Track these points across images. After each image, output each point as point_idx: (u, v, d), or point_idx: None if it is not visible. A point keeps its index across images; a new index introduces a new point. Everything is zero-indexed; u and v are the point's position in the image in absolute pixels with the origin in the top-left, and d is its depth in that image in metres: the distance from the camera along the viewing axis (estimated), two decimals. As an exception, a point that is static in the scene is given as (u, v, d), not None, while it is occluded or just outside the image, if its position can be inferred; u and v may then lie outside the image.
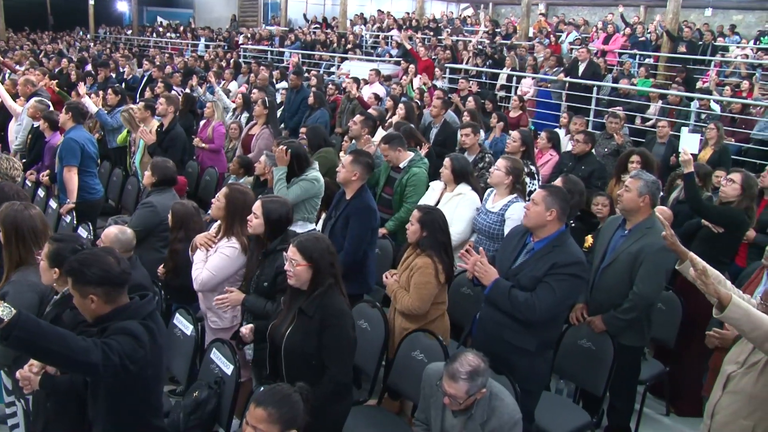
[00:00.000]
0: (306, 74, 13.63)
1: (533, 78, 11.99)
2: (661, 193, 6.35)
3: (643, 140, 9.61)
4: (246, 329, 3.76)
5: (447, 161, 5.27)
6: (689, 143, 5.37)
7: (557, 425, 4.09)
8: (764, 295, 3.17)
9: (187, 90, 11.53)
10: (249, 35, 21.40)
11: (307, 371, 3.27)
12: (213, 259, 4.19)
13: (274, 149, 5.60)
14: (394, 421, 4.04)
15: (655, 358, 5.20)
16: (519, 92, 11.82)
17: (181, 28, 26.93)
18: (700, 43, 14.72)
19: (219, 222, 4.34)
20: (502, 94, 12.29)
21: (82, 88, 8.60)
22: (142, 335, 2.80)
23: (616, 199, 5.89)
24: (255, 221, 3.95)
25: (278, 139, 6.42)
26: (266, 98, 8.07)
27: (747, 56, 14.06)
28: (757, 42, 15.31)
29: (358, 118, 6.49)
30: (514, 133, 6.35)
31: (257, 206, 3.98)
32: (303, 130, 7.77)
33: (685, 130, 5.96)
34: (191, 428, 3.65)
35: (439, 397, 3.27)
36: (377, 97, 10.29)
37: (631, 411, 4.69)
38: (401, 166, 5.83)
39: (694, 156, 6.14)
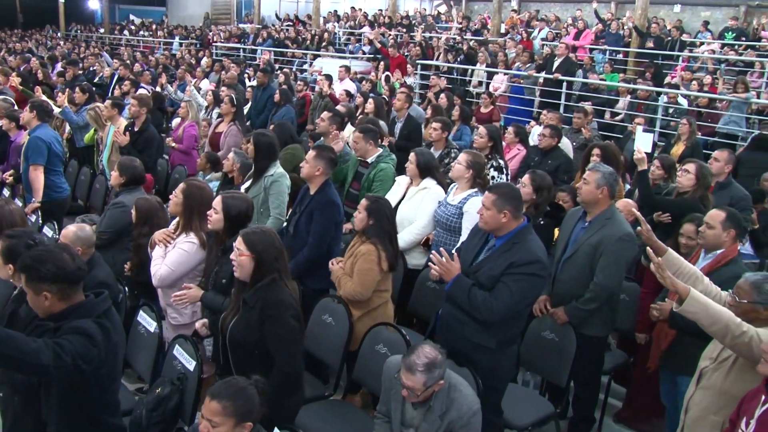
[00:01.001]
0: (277, 72, 13.63)
1: (505, 74, 12.05)
2: (628, 186, 6.48)
3: (613, 134, 9.74)
4: (200, 324, 3.79)
5: (412, 156, 5.29)
6: (643, 142, 5.47)
7: (521, 417, 4.13)
8: (736, 290, 3.19)
9: (157, 88, 11.47)
10: (221, 33, 21.27)
11: (253, 362, 3.30)
12: (171, 254, 4.19)
13: (243, 146, 5.62)
14: (357, 414, 4.05)
15: (619, 348, 5.28)
16: (491, 88, 11.89)
17: (154, 26, 26.71)
18: (668, 39, 14.87)
19: (177, 218, 4.34)
20: (478, 90, 12.32)
21: (61, 98, 8.44)
22: (96, 334, 2.78)
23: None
24: (215, 217, 3.96)
25: (247, 136, 6.40)
26: (233, 96, 8.03)
27: (713, 52, 14.25)
28: (722, 38, 15.51)
29: (325, 114, 6.50)
30: (481, 129, 6.38)
31: (217, 202, 3.99)
32: (271, 127, 7.76)
33: (639, 129, 6.06)
34: (154, 425, 3.64)
35: (399, 390, 3.29)
36: (348, 94, 10.30)
37: (596, 401, 4.74)
38: (369, 161, 5.85)
39: (650, 155, 6.22)
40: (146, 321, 4.28)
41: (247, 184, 5.49)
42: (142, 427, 3.63)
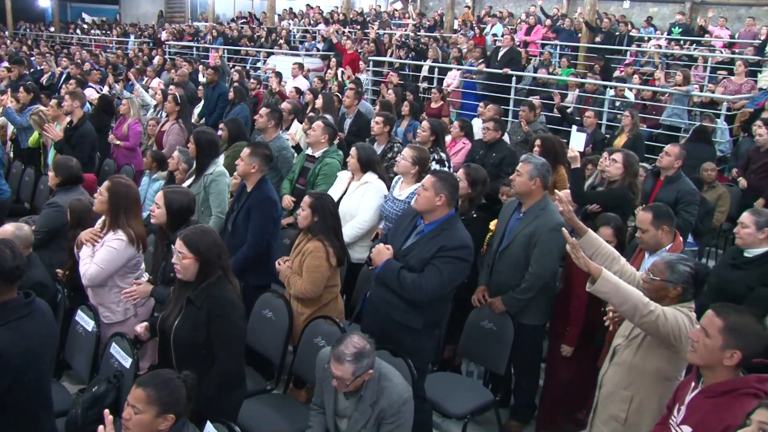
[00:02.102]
0: (230, 70, 13.55)
1: (458, 69, 12.16)
2: (590, 181, 6.58)
3: (563, 128, 9.87)
4: (140, 328, 3.79)
5: (353, 151, 5.33)
6: (576, 141, 5.60)
7: (459, 405, 4.21)
8: (651, 267, 3.31)
9: (105, 87, 11.33)
10: (174, 31, 21.03)
11: (196, 361, 3.29)
12: (100, 253, 4.17)
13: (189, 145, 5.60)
14: (296, 408, 4.07)
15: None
16: (444, 84, 11.99)
17: (107, 25, 26.30)
18: (617, 33, 15.14)
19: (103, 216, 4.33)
20: (424, 85, 12.40)
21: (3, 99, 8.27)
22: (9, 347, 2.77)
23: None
24: (157, 211, 4.02)
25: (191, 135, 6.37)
26: (176, 94, 7.97)
27: (660, 46, 14.54)
28: (670, 33, 15.84)
29: (263, 110, 6.49)
30: (424, 123, 6.45)
31: (159, 197, 4.06)
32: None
33: (573, 128, 6.19)
34: (90, 423, 3.61)
35: (331, 381, 3.33)
36: (298, 91, 10.28)
37: (536, 388, 4.82)
38: (316, 155, 5.88)
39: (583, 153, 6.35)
40: (84, 320, 4.25)
41: (189, 182, 5.47)
42: (78, 426, 3.61)
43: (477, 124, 8.18)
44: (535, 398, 4.84)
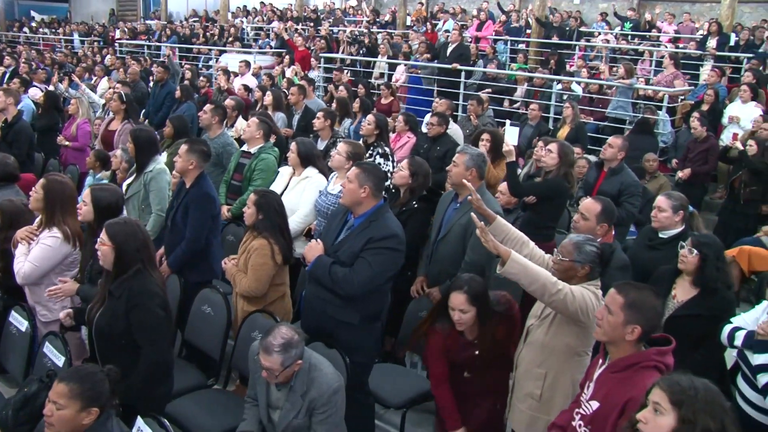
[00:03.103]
0: (183, 69, 13.42)
1: (405, 65, 12.22)
2: (525, 170, 6.69)
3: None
4: (63, 314, 3.78)
5: (293, 146, 5.35)
6: (510, 135, 5.69)
7: (398, 396, 4.25)
8: (560, 248, 3.41)
9: (51, 87, 11.13)
10: (126, 30, 20.74)
11: (119, 352, 3.32)
12: (35, 250, 4.14)
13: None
14: (232, 402, 4.05)
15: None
16: (393, 79, 12.04)
17: (56, 23, 25.78)
18: (568, 29, 15.37)
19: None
20: (380, 82, 12.44)
21: None
22: None
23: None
24: (84, 209, 3.98)
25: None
26: (122, 92, 7.87)
27: (608, 41, 14.79)
28: (622, 28, 16.14)
29: (207, 107, 6.47)
30: (369, 117, 6.50)
31: (86, 194, 4.02)
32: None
33: (507, 122, 6.30)
34: (21, 424, 3.57)
35: (262, 372, 3.34)
36: (247, 88, 10.25)
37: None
38: (252, 151, 5.87)
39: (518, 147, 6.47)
40: (17, 321, 4.21)
41: (129, 180, 5.43)
42: (9, 427, 3.56)
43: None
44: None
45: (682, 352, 3.82)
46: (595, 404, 2.77)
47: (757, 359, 3.47)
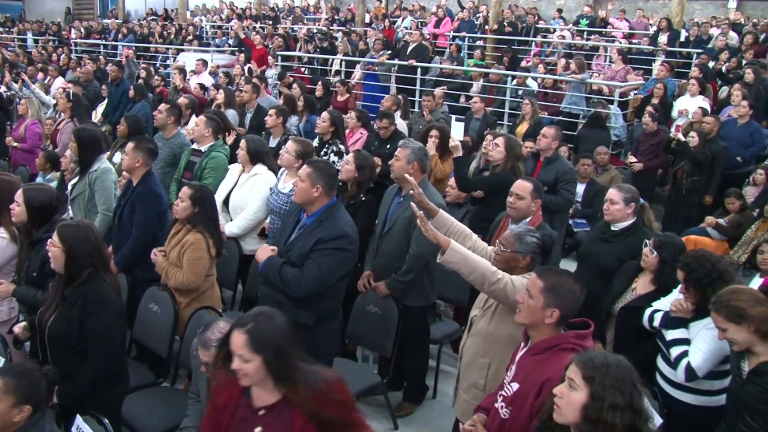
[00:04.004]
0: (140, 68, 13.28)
1: (362, 62, 12.26)
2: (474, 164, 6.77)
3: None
4: (18, 328, 3.69)
5: (242, 143, 5.36)
6: (456, 131, 5.77)
7: (351, 387, 4.22)
8: (502, 239, 3.47)
9: (2, 87, 10.96)
10: (81, 29, 20.45)
11: (70, 357, 3.30)
12: (-21, 251, 4.08)
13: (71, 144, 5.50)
14: (179, 399, 4.05)
15: (455, 320, 5.54)
16: (352, 77, 12.08)
17: (10, 22, 25.28)
18: (524, 25, 15.54)
19: None
20: (335, 79, 12.45)
21: None
22: None
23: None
24: (17, 209, 3.93)
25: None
26: (69, 91, 7.78)
27: (564, 37, 14.99)
28: (578, 24, 16.37)
29: (162, 106, 6.42)
30: (324, 114, 6.53)
31: (18, 194, 3.96)
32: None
33: (452, 118, 6.37)
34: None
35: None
36: (202, 87, 10.20)
37: (426, 369, 4.94)
38: (202, 149, 5.86)
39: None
40: (-39, 322, 4.15)
41: (75, 180, 5.38)
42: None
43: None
44: (427, 379, 4.98)
45: (631, 342, 3.99)
46: (515, 386, 2.85)
47: (671, 335, 3.62)
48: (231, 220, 5.38)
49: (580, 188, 7.45)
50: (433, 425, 4.73)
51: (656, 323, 3.77)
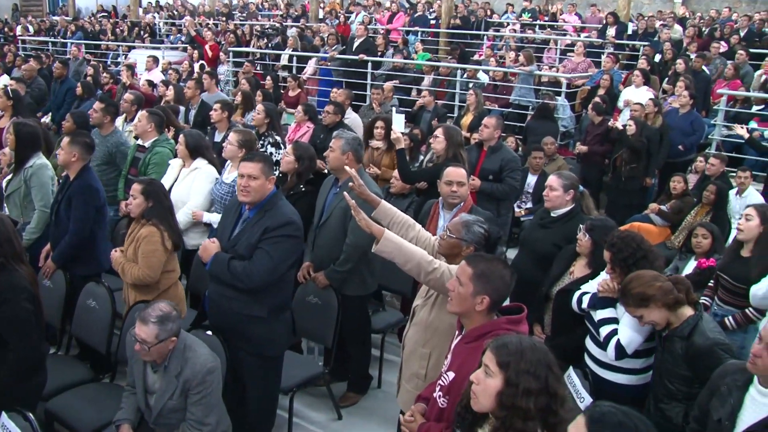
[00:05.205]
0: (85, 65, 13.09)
1: (314, 57, 12.25)
2: (422, 158, 6.81)
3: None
4: None
5: (181, 138, 5.32)
6: (398, 122, 5.80)
7: (290, 378, 4.28)
8: (449, 225, 3.49)
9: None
10: (29, 26, 20.04)
11: None
12: None
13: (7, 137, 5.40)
14: (117, 394, 3.99)
15: (402, 310, 5.58)
16: (303, 72, 12.05)
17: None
18: (474, 19, 15.67)
19: None
20: (285, 74, 12.42)
21: None
22: None
23: (363, 163, 6.21)
24: None
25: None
26: (8, 88, 7.63)
27: (515, 31, 15.16)
28: (520, 17, 16.57)
29: (97, 105, 6.32)
30: (259, 106, 6.54)
31: None
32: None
33: (393, 110, 6.42)
34: None
35: (140, 357, 3.37)
36: (151, 84, 10.10)
37: (369, 359, 4.98)
38: (146, 145, 5.81)
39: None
40: None
41: (9, 176, 5.29)
42: None
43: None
44: (370, 369, 5.01)
45: (568, 325, 4.06)
46: (451, 375, 2.81)
47: (599, 315, 3.68)
48: (173, 215, 5.34)
49: (532, 180, 7.57)
50: (378, 415, 4.77)
51: (584, 305, 3.83)
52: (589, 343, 3.78)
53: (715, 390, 2.88)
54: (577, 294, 3.94)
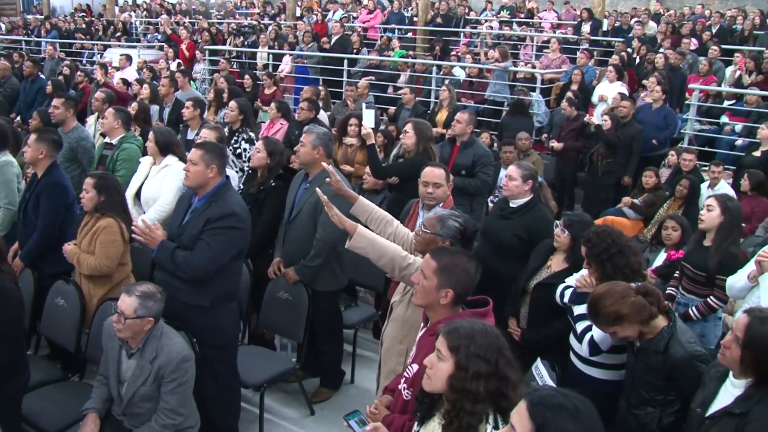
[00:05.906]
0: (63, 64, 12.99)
1: (290, 54, 12.24)
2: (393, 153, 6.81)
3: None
4: None
5: (150, 135, 5.28)
6: (368, 118, 5.80)
7: (255, 376, 4.28)
8: (424, 221, 3.47)
9: None
10: (1, 25, 19.84)
11: None
12: None
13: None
14: (85, 392, 3.94)
15: (375, 306, 5.59)
16: (279, 70, 12.03)
17: None
18: (454, 16, 15.71)
19: None
20: (261, 72, 12.39)
21: None
22: None
23: (338, 160, 6.22)
24: None
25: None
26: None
27: (492, 28, 15.21)
28: (498, 14, 16.63)
29: (57, 100, 6.25)
30: (231, 103, 6.53)
31: None
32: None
33: (363, 106, 6.43)
34: None
35: (116, 343, 3.40)
36: (125, 82, 10.03)
37: (341, 354, 4.97)
38: (114, 142, 5.77)
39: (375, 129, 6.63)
40: None
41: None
42: None
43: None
44: (343, 364, 5.00)
45: (545, 319, 4.07)
46: (415, 367, 2.82)
47: (578, 309, 3.68)
48: (143, 213, 5.30)
49: (504, 174, 7.58)
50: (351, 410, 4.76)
51: (566, 299, 3.84)
52: (571, 339, 3.77)
53: (702, 383, 2.92)
54: (560, 287, 3.93)
